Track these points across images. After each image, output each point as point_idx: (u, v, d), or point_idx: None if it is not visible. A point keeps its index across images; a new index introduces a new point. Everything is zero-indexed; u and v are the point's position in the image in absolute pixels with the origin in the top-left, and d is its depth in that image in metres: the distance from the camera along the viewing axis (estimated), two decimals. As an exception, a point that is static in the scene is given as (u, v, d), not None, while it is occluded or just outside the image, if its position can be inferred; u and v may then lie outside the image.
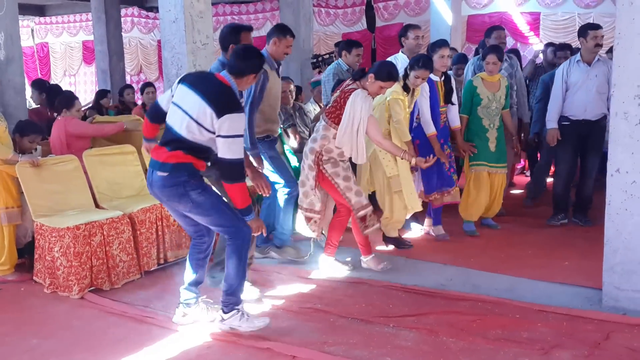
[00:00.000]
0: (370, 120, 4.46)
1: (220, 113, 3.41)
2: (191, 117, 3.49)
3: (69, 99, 5.69)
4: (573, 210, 6.04)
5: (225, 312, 3.71)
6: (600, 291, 4.06)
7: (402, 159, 4.73)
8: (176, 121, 3.56)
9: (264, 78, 4.52)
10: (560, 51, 7.24)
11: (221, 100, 3.47)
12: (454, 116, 5.58)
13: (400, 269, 4.88)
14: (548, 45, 7.76)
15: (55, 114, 5.81)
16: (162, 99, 3.79)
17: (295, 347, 3.51)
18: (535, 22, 10.71)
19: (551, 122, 5.82)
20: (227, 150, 3.46)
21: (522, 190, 7.41)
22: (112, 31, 11.31)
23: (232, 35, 4.41)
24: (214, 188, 3.78)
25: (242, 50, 3.69)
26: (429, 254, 5.20)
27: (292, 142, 5.88)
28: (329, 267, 4.78)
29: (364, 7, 12.29)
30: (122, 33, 11.96)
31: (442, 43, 5.38)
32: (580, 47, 5.71)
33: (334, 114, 4.44)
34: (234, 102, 3.52)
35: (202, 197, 3.57)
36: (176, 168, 3.53)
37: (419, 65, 4.93)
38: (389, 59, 5.58)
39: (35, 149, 5.20)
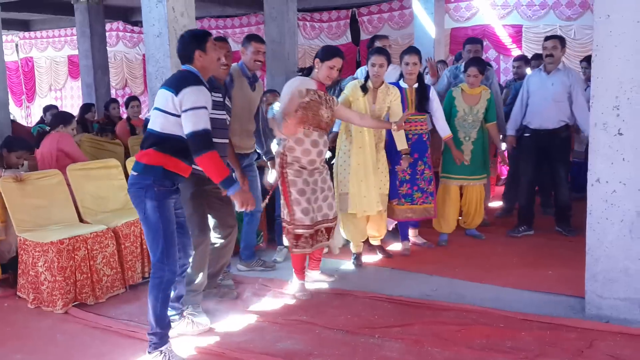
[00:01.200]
0: (339, 107, 4.50)
1: (177, 90, 3.38)
2: (157, 109, 3.47)
3: (67, 116, 5.94)
4: (555, 220, 6.09)
5: (149, 352, 3.51)
6: (583, 300, 4.10)
7: (393, 129, 4.72)
8: (151, 120, 3.56)
9: (229, 80, 4.50)
10: (534, 60, 7.39)
11: (177, 80, 3.46)
12: (442, 125, 5.46)
13: (386, 279, 4.89)
14: (516, 59, 7.80)
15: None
16: None
17: (280, 359, 3.51)
18: (517, 34, 10.82)
19: (509, 129, 6.00)
20: (190, 123, 3.35)
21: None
22: (96, 45, 11.29)
23: (195, 41, 3.60)
24: (175, 212, 3.58)
25: (181, 36, 3.64)
26: (414, 265, 5.22)
27: (270, 176, 5.03)
28: (314, 281, 4.77)
29: (348, 20, 12.37)
30: (107, 47, 11.94)
31: (408, 50, 5.26)
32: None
33: None
34: (189, 79, 3.44)
35: (154, 214, 3.43)
36: (146, 169, 3.45)
37: (372, 53, 4.93)
38: (358, 70, 5.67)
39: (22, 164, 5.20)
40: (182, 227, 3.72)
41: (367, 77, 4.95)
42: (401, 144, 5.06)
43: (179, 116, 3.39)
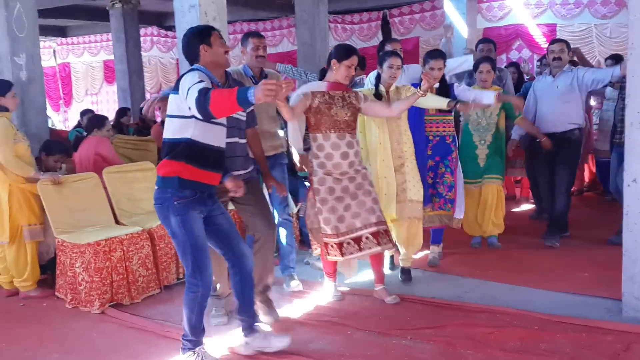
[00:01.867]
0: (368, 103, 4.30)
1: (176, 86, 3.26)
2: (168, 116, 3.34)
3: (101, 119, 6.06)
4: (547, 228, 5.82)
5: (182, 352, 3.51)
6: (620, 302, 4.03)
7: (420, 95, 4.19)
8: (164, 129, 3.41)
9: (230, 81, 3.94)
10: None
11: (177, 81, 3.31)
12: (478, 94, 4.84)
13: (418, 281, 4.87)
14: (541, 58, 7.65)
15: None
16: None
17: (313, 359, 3.52)
18: (551, 33, 10.67)
19: (514, 133, 5.91)
20: (191, 99, 3.05)
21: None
22: (131, 50, 11.49)
23: (198, 37, 3.44)
24: (196, 224, 3.33)
25: (184, 35, 3.46)
26: (446, 267, 5.19)
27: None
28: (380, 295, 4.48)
29: (379, 22, 12.35)
30: (142, 52, 12.14)
31: (434, 54, 4.82)
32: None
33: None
34: (185, 73, 3.30)
35: (179, 229, 3.29)
36: (164, 182, 3.30)
37: (388, 55, 4.60)
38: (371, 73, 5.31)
39: (60, 168, 5.33)
40: (227, 235, 3.51)
41: (377, 81, 4.63)
42: (439, 102, 4.57)
43: (184, 117, 3.23)
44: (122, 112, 9.02)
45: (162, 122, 8.03)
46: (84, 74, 16.75)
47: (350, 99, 4.24)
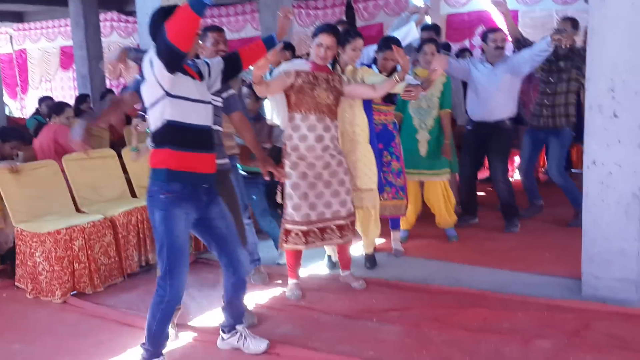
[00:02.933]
0: (352, 86, 4.17)
1: (147, 70, 2.97)
2: (147, 108, 3.11)
3: (60, 105, 5.94)
4: (504, 216, 5.82)
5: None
6: (580, 281, 4.11)
7: (399, 79, 4.04)
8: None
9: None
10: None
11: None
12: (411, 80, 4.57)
13: (383, 264, 4.91)
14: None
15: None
16: None
17: (279, 344, 3.52)
18: (513, 19, 10.76)
19: (458, 119, 5.98)
20: (152, 53, 2.92)
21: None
22: (91, 36, 11.24)
23: (166, 15, 2.99)
24: (181, 224, 3.09)
25: (151, 15, 3.10)
26: (412, 250, 5.23)
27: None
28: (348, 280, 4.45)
29: (344, 7, 12.32)
30: (102, 37, 11.89)
31: (355, 34, 4.46)
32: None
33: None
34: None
35: (160, 225, 3.05)
36: (153, 174, 3.09)
37: (352, 36, 4.36)
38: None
39: (17, 155, 5.20)
40: (224, 239, 3.29)
41: (334, 61, 4.31)
42: (401, 85, 4.25)
43: (157, 101, 3.00)
44: (81, 99, 8.83)
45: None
46: (39, 60, 16.34)
47: (333, 82, 4.12)
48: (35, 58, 16.40)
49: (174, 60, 2.87)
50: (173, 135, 3.03)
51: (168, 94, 2.97)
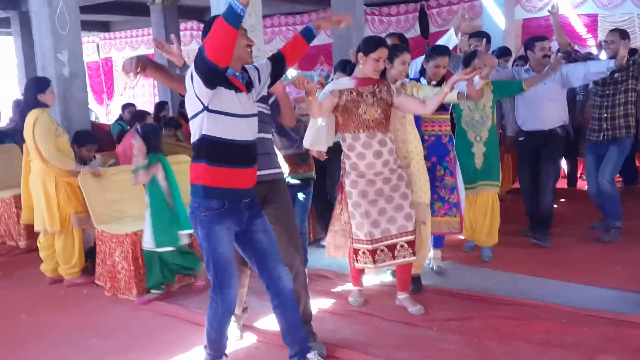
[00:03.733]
0: (401, 98, 3.98)
1: (187, 84, 2.96)
2: (189, 119, 3.03)
3: (142, 114, 6.27)
4: (531, 226, 5.74)
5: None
6: (650, 296, 4.01)
7: (447, 92, 3.84)
8: None
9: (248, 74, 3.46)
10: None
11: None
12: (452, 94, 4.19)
13: (447, 273, 4.92)
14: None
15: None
16: None
17: (339, 348, 3.61)
18: (593, 24, 10.47)
19: (508, 129, 5.84)
20: (194, 69, 2.87)
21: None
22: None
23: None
24: (223, 239, 3.07)
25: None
26: (476, 260, 5.21)
27: None
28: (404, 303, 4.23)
29: (417, 13, 12.30)
30: (182, 46, 12.33)
31: (439, 51, 4.62)
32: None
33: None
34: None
35: (203, 242, 3.05)
36: (192, 189, 3.05)
37: (399, 50, 4.24)
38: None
39: (94, 157, 5.52)
40: (265, 254, 3.21)
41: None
42: (451, 96, 4.09)
43: (197, 114, 2.96)
44: (160, 106, 9.22)
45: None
46: (124, 68, 17.09)
47: (381, 93, 3.95)
48: (120, 66, 17.18)
49: (213, 77, 2.83)
50: (209, 149, 2.96)
51: (207, 109, 2.92)
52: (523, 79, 5.04)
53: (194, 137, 2.99)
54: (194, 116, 2.97)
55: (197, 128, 2.97)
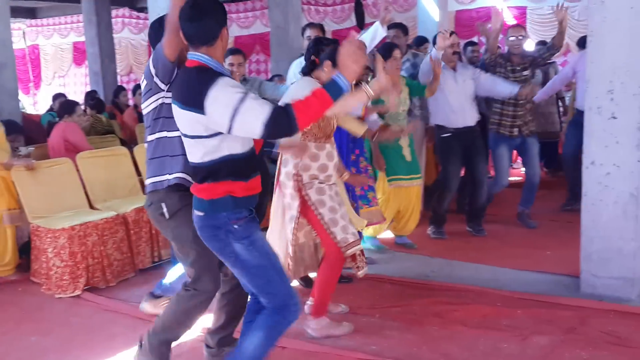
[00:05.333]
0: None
1: (201, 109, 2.53)
2: (185, 136, 2.71)
3: (71, 104, 5.99)
4: (467, 219, 5.85)
5: None
6: (579, 279, 4.22)
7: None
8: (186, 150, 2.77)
9: None
10: (469, 46, 7.45)
11: (192, 95, 2.56)
12: (373, 121, 4.63)
13: (387, 261, 5.03)
14: (467, 44, 7.68)
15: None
16: None
17: (285, 337, 3.60)
18: (522, 16, 10.85)
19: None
20: (249, 121, 2.48)
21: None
22: (103, 33, 11.42)
23: (222, 17, 2.79)
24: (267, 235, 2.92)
25: (189, 8, 2.59)
26: (415, 248, 5.35)
27: None
28: (325, 332, 3.73)
29: (353, 4, 12.38)
30: (113, 34, 12.05)
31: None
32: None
33: None
34: (204, 77, 2.57)
35: (250, 255, 2.70)
36: (214, 205, 2.68)
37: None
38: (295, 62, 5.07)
39: (17, 148, 5.33)
40: None
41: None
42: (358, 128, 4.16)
43: (216, 134, 2.60)
44: (90, 95, 9.00)
45: (135, 106, 8.12)
46: (53, 56, 16.56)
47: None
48: (48, 54, 16.63)
49: (279, 133, 2.62)
50: (235, 168, 2.68)
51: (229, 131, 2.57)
52: (427, 87, 5.10)
53: (206, 157, 2.65)
54: (209, 136, 2.60)
55: (216, 149, 2.63)
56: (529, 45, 10.09)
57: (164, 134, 3.04)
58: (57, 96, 8.80)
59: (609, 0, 3.87)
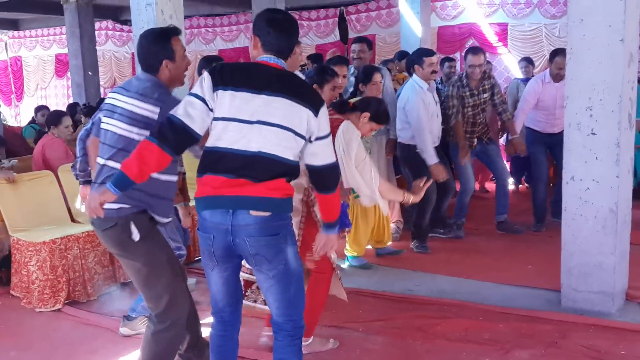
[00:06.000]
0: (365, 165, 3.59)
1: (316, 110, 2.63)
2: (287, 128, 2.57)
3: (57, 116, 5.91)
4: (432, 226, 5.92)
5: None
6: (560, 293, 4.26)
7: (404, 202, 3.77)
8: (254, 139, 2.55)
9: None
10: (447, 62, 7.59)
11: (310, 94, 2.68)
12: None
13: (370, 275, 5.04)
14: (444, 60, 7.81)
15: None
16: (194, 117, 2.56)
17: (266, 352, 3.64)
18: (503, 32, 10.96)
19: (432, 157, 5.40)
20: (329, 152, 2.70)
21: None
22: (86, 45, 11.37)
23: (162, 43, 2.99)
24: None
25: (282, 19, 2.72)
26: (398, 261, 5.37)
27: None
28: (311, 349, 3.68)
29: (336, 19, 12.48)
30: (96, 46, 12.01)
31: (341, 61, 4.71)
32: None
33: None
34: (316, 91, 2.82)
35: (296, 262, 2.66)
36: (283, 205, 2.60)
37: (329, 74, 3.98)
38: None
39: (1, 161, 5.28)
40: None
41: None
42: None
43: (305, 138, 2.64)
44: (72, 108, 8.93)
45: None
46: (35, 68, 16.43)
47: None
48: (31, 66, 16.51)
49: None
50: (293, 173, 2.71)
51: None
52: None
53: (295, 157, 2.65)
54: (299, 135, 2.62)
55: (295, 151, 2.65)
56: (511, 61, 10.34)
57: None
58: (39, 108, 8.77)
59: (587, 19, 3.94)
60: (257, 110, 2.55)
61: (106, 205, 2.66)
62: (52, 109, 9.44)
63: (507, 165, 7.42)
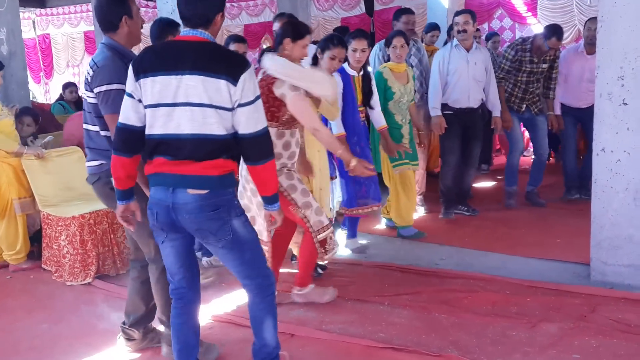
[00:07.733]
0: (299, 98, 3.41)
1: (235, 78, 2.55)
2: (208, 105, 2.56)
3: None
4: (457, 200, 5.91)
5: None
6: (589, 266, 4.20)
7: (339, 156, 3.67)
8: (182, 122, 2.57)
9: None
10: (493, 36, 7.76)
11: (227, 62, 2.59)
12: (377, 117, 4.81)
13: (396, 249, 5.03)
14: (489, 35, 7.88)
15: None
16: (128, 114, 2.66)
17: (294, 325, 3.66)
18: (533, 2, 10.74)
19: (435, 109, 5.51)
20: (256, 119, 2.62)
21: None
22: (112, 22, 11.38)
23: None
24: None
25: None
26: (425, 236, 5.32)
27: None
28: (310, 298, 3.99)
29: (362, -10, 12.33)
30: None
31: (356, 35, 4.57)
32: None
33: (266, 112, 3.14)
34: (236, 57, 2.68)
35: (246, 230, 2.74)
36: (223, 181, 2.64)
37: (333, 43, 4.10)
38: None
39: (34, 139, 5.32)
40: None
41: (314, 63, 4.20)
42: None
43: (232, 108, 2.59)
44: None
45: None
46: (64, 46, 16.56)
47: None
48: (60, 43, 16.64)
49: None
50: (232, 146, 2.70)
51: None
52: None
53: (228, 130, 2.62)
54: (223, 108, 2.59)
55: (230, 123, 2.63)
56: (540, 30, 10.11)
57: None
58: (67, 85, 8.79)
59: (619, -15, 3.82)
60: (176, 92, 2.56)
61: (89, 163, 3.15)
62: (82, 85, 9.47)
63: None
